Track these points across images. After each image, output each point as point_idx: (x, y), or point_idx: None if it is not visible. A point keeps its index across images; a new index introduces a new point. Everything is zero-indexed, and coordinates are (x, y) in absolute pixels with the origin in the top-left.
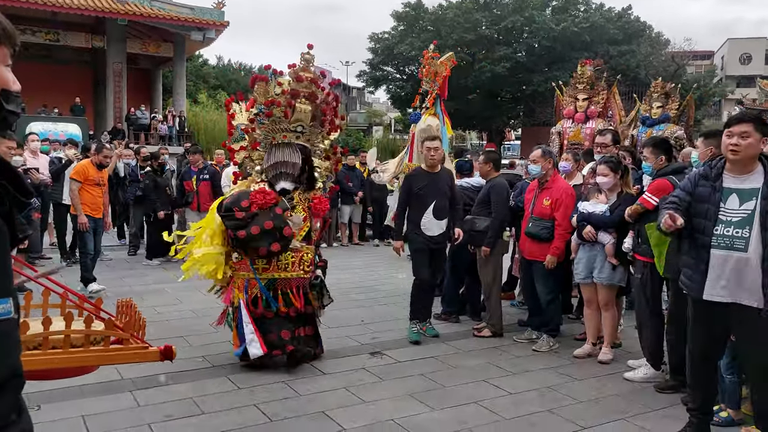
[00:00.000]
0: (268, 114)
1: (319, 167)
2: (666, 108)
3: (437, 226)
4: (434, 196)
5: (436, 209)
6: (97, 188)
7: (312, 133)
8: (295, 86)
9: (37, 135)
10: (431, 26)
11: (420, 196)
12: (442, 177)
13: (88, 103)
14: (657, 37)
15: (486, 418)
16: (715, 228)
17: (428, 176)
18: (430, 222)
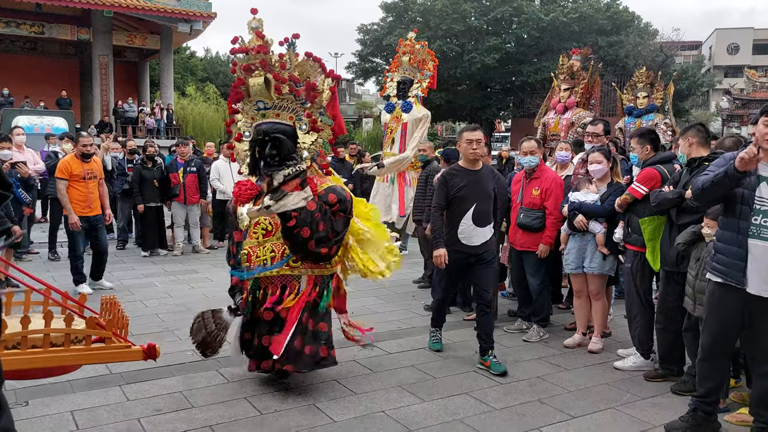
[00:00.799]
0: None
1: (304, 143)
2: (651, 98)
3: (478, 235)
4: (475, 198)
5: (476, 214)
6: (84, 183)
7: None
8: (245, 60)
9: (23, 129)
10: (420, 17)
11: (457, 198)
12: (484, 175)
13: (74, 96)
14: (645, 27)
15: (476, 408)
16: (754, 217)
17: (469, 174)
18: (468, 229)
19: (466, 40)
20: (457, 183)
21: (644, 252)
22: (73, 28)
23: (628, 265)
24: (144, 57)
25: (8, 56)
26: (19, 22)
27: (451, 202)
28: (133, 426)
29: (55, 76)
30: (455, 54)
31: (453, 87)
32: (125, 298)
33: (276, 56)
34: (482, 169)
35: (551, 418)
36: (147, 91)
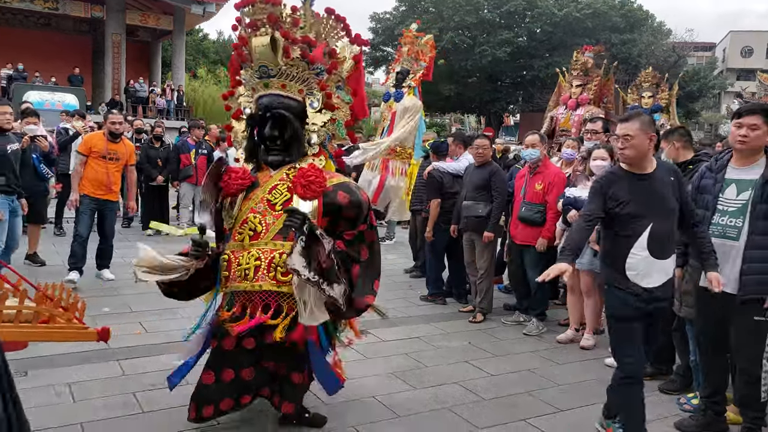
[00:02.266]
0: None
1: (315, 124)
2: (656, 98)
3: (659, 270)
4: (651, 214)
5: (654, 238)
6: (103, 162)
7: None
8: (248, 14)
9: (32, 104)
10: (433, 8)
11: (622, 217)
12: (659, 180)
13: (86, 73)
14: (659, 26)
15: (466, 398)
16: (712, 217)
17: (636, 181)
18: (643, 263)
19: (478, 32)
20: (621, 191)
21: None
22: (86, 5)
23: None
24: (157, 37)
25: (22, 31)
26: None
27: (612, 221)
28: (129, 400)
29: (68, 53)
30: (467, 46)
31: (463, 79)
32: (128, 275)
33: (288, 9)
34: (656, 171)
35: (539, 411)
36: (158, 72)
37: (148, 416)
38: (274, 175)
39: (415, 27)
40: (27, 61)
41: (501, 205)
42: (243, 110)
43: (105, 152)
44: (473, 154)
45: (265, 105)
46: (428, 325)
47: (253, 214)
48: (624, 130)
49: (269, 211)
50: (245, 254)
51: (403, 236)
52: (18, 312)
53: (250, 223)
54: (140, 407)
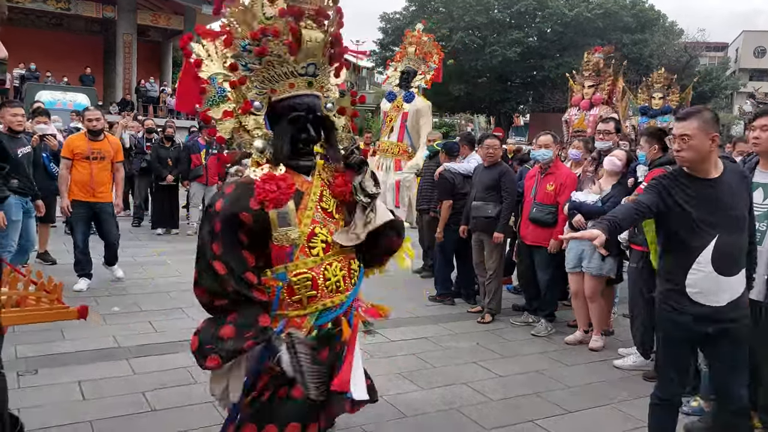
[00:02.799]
0: (261, 52)
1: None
2: (667, 100)
3: (724, 288)
4: (718, 224)
5: (719, 252)
6: (88, 164)
7: (324, 77)
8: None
9: (43, 103)
10: (443, 8)
11: (685, 226)
12: (727, 186)
13: (98, 73)
14: (671, 26)
15: (473, 398)
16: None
17: (701, 186)
18: (707, 279)
19: (488, 32)
20: (683, 200)
21: (649, 252)
22: (98, 5)
23: (633, 265)
24: (167, 37)
25: (35, 31)
26: None
27: (672, 232)
28: (138, 399)
29: (80, 53)
30: (477, 46)
31: (473, 79)
32: (138, 275)
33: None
34: (724, 175)
35: (547, 412)
36: (169, 72)
37: (158, 415)
38: (314, 180)
39: (421, 27)
40: (39, 61)
41: (510, 206)
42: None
43: (88, 152)
44: (483, 154)
45: (308, 106)
46: (436, 326)
47: (317, 226)
48: (681, 130)
49: (328, 219)
50: (328, 267)
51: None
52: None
53: (320, 236)
54: (149, 406)
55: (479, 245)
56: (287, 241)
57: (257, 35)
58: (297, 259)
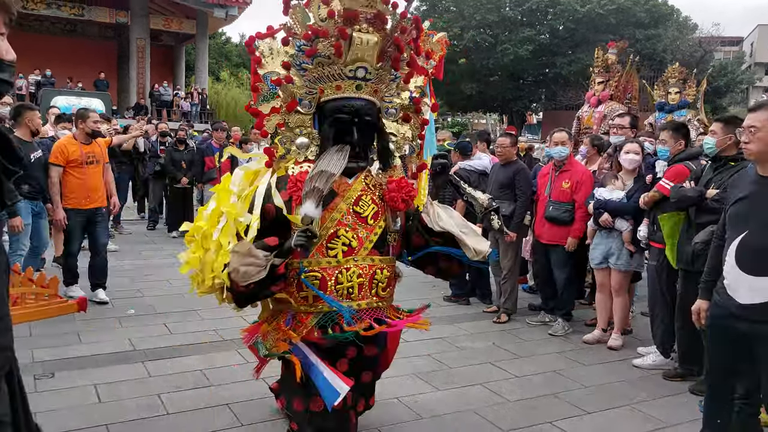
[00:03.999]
0: (310, 52)
1: (395, 133)
2: (683, 94)
3: (746, 287)
4: (751, 221)
5: (745, 249)
6: (83, 170)
7: (381, 81)
8: (349, 4)
9: (59, 108)
10: (454, 6)
11: (732, 217)
12: None
13: (112, 78)
14: (684, 21)
15: (490, 399)
16: None
17: (755, 181)
18: (732, 273)
19: (499, 30)
20: (737, 193)
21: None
22: (111, 11)
23: (653, 263)
24: (180, 41)
25: (49, 38)
26: (60, 4)
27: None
28: (153, 401)
29: (94, 58)
30: (488, 45)
31: (485, 78)
32: (152, 277)
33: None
34: None
35: (565, 413)
36: (182, 75)
37: (173, 417)
38: (354, 184)
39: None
40: (54, 67)
41: (524, 205)
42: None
43: (83, 157)
44: (496, 152)
45: (356, 110)
46: (452, 326)
47: (342, 228)
48: (750, 121)
49: (360, 224)
50: (343, 271)
51: None
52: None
53: (342, 238)
54: (165, 409)
55: (494, 244)
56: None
57: (309, 36)
58: (312, 257)
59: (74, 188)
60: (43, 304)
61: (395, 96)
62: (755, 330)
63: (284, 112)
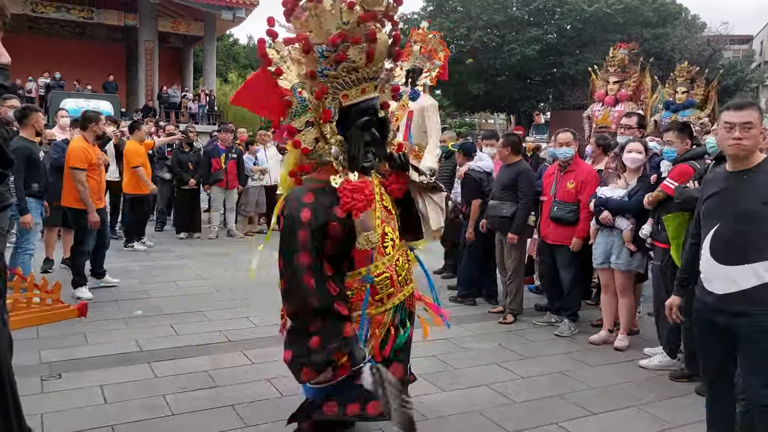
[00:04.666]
0: (339, 58)
1: None
2: (691, 94)
3: (722, 278)
4: (722, 214)
5: (718, 240)
6: (99, 172)
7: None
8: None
9: (67, 111)
10: (461, 7)
11: (703, 214)
12: (756, 181)
13: (120, 80)
14: (693, 20)
15: (496, 400)
16: None
17: (727, 176)
18: (707, 266)
19: (506, 30)
20: (710, 189)
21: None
22: (120, 13)
23: (657, 263)
24: (188, 43)
25: (59, 41)
26: (69, 6)
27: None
28: (159, 402)
29: (102, 61)
30: (495, 45)
31: (492, 78)
32: (160, 279)
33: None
34: (757, 169)
35: (571, 414)
36: (190, 77)
37: (178, 418)
38: (373, 180)
39: (426, 25)
40: (64, 70)
41: (526, 206)
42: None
43: (101, 160)
44: None
45: (374, 109)
46: (458, 327)
47: (385, 225)
48: (744, 118)
49: (389, 217)
50: (398, 263)
51: None
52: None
53: (390, 234)
54: (170, 410)
55: (500, 245)
56: (369, 244)
57: (336, 41)
58: (376, 260)
59: (93, 190)
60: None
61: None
62: (734, 323)
63: (320, 124)
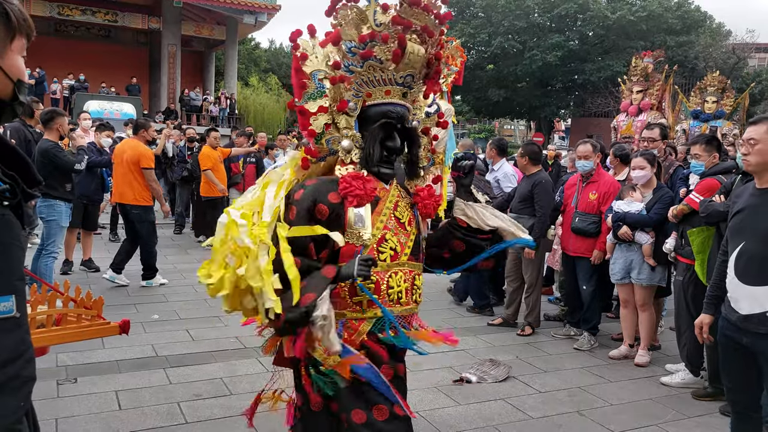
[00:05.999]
0: (366, 55)
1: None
2: (720, 104)
3: (746, 298)
4: (746, 233)
5: (743, 260)
6: (151, 172)
7: (418, 92)
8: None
9: (89, 114)
10: (482, 12)
11: (731, 230)
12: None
13: (143, 83)
14: (718, 28)
15: (512, 416)
16: None
17: (754, 194)
18: (732, 285)
19: (528, 36)
20: (737, 206)
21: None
22: (144, 17)
23: (680, 278)
24: (210, 47)
25: (84, 43)
26: (95, 10)
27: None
28: (173, 409)
29: (126, 64)
30: (516, 51)
31: (513, 84)
32: (178, 282)
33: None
34: None
35: (589, 431)
36: (212, 81)
37: (191, 426)
38: (391, 189)
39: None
40: (88, 72)
41: (543, 220)
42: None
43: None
44: None
45: (400, 115)
46: (474, 338)
47: (388, 232)
48: (749, 134)
49: (400, 229)
50: (393, 276)
51: None
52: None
53: (390, 242)
54: (184, 417)
55: (516, 258)
56: (358, 240)
57: (365, 38)
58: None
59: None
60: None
61: (419, 108)
62: (756, 344)
63: (334, 112)
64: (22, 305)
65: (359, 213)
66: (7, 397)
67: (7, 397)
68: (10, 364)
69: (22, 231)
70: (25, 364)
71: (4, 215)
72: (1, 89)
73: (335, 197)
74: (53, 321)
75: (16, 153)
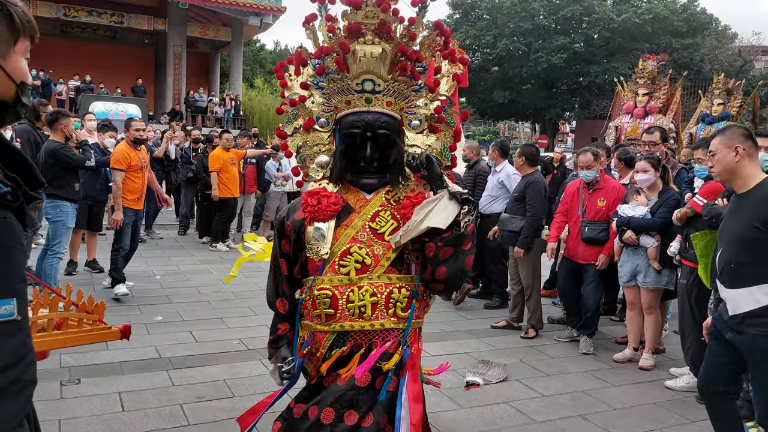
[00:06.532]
0: (320, 70)
1: (419, 146)
2: (727, 106)
3: (728, 299)
4: (724, 237)
5: (720, 264)
6: (141, 174)
7: (397, 92)
8: (351, 17)
9: (94, 114)
10: (487, 15)
11: (717, 233)
12: (748, 203)
13: (149, 84)
14: (724, 30)
15: (515, 419)
16: None
17: (733, 201)
18: (719, 286)
19: (533, 38)
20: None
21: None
22: (150, 18)
23: (684, 282)
24: (215, 48)
25: (90, 44)
26: (101, 11)
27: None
28: (176, 411)
29: (132, 65)
30: (521, 53)
31: (518, 86)
32: (181, 284)
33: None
34: (752, 191)
35: None
36: (217, 82)
37: (194, 429)
38: (372, 199)
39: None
40: (94, 73)
41: (533, 220)
42: (316, 120)
43: (140, 162)
44: None
45: (367, 123)
46: (477, 341)
47: (356, 245)
48: (710, 147)
49: (375, 240)
50: (355, 290)
51: None
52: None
53: (355, 255)
54: (186, 419)
55: (514, 259)
56: (315, 255)
57: (319, 54)
58: (325, 274)
59: (132, 190)
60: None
61: (422, 107)
62: (737, 340)
63: (302, 132)
64: (23, 308)
65: (319, 228)
66: (8, 401)
67: (9, 402)
68: (11, 368)
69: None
70: (27, 368)
71: (6, 218)
72: (5, 91)
73: (300, 214)
74: (54, 325)
75: (19, 155)
